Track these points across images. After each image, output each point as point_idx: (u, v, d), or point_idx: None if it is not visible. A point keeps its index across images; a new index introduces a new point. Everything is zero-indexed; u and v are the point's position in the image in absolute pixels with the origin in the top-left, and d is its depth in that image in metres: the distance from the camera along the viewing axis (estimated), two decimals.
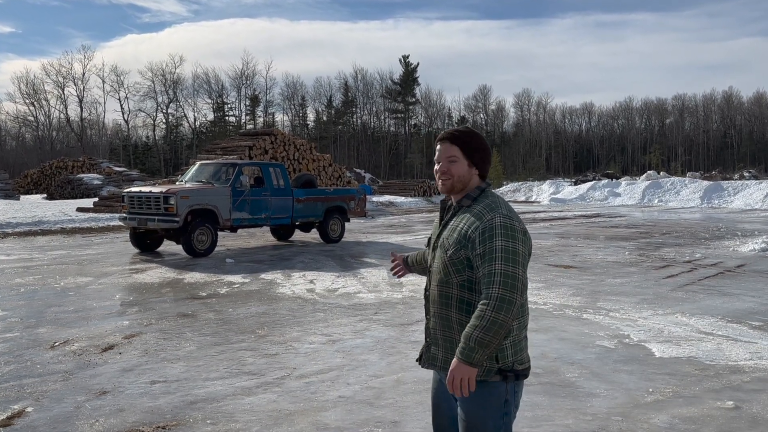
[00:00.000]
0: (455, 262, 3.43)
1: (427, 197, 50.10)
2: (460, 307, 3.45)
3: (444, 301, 3.50)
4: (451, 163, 3.55)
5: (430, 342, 3.62)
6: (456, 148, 3.56)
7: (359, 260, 17.23)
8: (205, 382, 7.18)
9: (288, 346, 8.69)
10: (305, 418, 6.08)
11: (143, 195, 18.21)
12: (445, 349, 3.52)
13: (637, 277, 14.15)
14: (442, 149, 3.59)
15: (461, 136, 3.59)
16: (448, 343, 3.49)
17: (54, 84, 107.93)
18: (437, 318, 3.55)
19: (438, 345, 3.56)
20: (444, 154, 3.57)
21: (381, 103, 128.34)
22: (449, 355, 3.46)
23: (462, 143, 3.57)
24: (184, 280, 14.04)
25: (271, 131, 38.15)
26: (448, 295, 3.49)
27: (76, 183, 47.20)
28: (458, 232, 3.44)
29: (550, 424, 5.93)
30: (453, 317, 3.47)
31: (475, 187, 3.58)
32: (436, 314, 3.55)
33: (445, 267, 3.48)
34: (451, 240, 3.47)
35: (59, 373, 7.52)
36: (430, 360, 3.62)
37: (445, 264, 3.48)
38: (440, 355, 3.55)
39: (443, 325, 3.52)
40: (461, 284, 3.44)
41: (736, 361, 7.91)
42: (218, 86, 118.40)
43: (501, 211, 3.41)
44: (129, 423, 5.97)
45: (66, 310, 10.98)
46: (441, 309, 3.52)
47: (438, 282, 3.53)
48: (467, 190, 3.58)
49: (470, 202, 3.53)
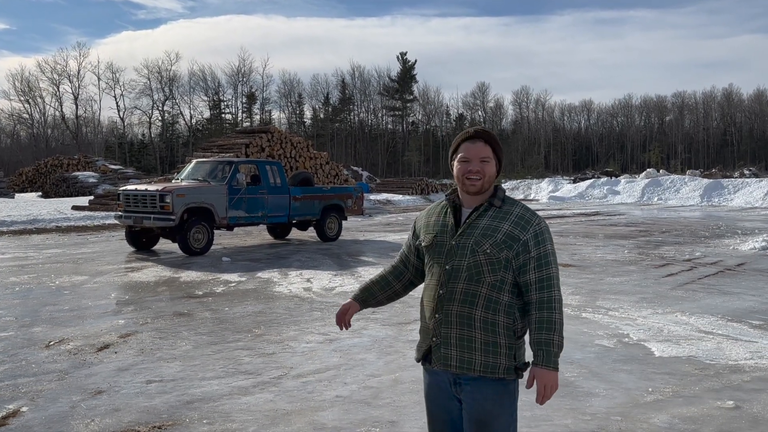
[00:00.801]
0: (493, 262, 3.44)
1: (425, 195, 50.07)
2: (487, 305, 3.44)
3: (469, 299, 3.46)
4: (485, 163, 3.54)
5: (440, 342, 3.54)
6: (489, 148, 3.57)
7: (356, 259, 17.23)
8: (201, 381, 7.18)
9: (285, 345, 8.68)
10: (302, 418, 6.08)
11: (139, 193, 18.20)
12: (460, 348, 3.47)
13: (636, 275, 14.16)
14: (475, 148, 3.56)
15: (494, 136, 3.61)
16: (464, 341, 3.46)
17: (49, 81, 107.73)
18: (454, 317, 3.49)
19: (450, 344, 3.50)
20: (478, 154, 3.55)
21: (378, 101, 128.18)
22: (465, 354, 3.45)
23: (495, 144, 3.59)
24: (180, 278, 14.03)
25: (267, 129, 38.17)
26: (475, 293, 3.45)
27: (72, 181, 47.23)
28: (503, 233, 3.45)
29: (549, 424, 5.93)
30: (477, 316, 3.45)
31: (499, 188, 3.63)
32: (453, 313, 3.49)
33: (478, 266, 3.45)
34: (492, 240, 3.45)
35: (54, 372, 7.52)
36: (442, 360, 3.53)
37: (478, 263, 3.45)
38: (454, 354, 3.49)
39: (461, 323, 3.47)
40: (493, 284, 3.45)
41: (736, 361, 7.91)
42: (214, 83, 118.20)
43: (540, 216, 3.55)
44: (125, 423, 5.96)
45: (61, 309, 10.97)
46: (462, 307, 3.47)
47: (464, 280, 3.47)
48: (490, 190, 3.60)
49: (501, 203, 3.56)
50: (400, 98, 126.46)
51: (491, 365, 3.42)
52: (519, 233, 3.44)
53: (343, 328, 4.11)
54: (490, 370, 3.42)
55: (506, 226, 3.46)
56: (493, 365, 3.42)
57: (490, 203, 3.55)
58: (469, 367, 3.45)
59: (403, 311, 10.62)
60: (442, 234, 3.61)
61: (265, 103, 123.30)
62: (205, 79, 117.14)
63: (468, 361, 3.45)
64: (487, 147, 3.56)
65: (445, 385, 3.57)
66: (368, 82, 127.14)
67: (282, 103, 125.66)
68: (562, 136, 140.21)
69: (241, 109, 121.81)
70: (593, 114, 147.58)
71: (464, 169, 3.55)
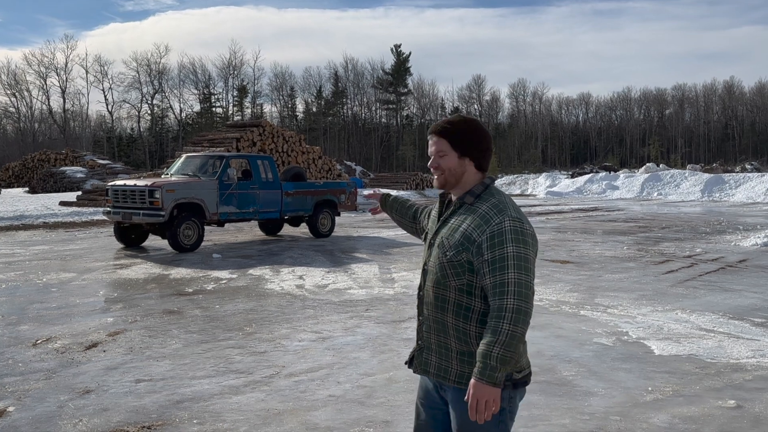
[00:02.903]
0: (455, 265, 3.29)
1: (420, 190, 50.03)
2: (457, 312, 3.32)
3: (440, 304, 3.37)
4: (441, 157, 3.44)
5: (423, 346, 3.50)
6: (444, 141, 3.44)
7: (350, 255, 17.23)
8: (191, 380, 7.17)
9: (277, 343, 8.68)
10: (294, 418, 6.07)
11: (128, 188, 18.16)
12: (438, 355, 3.41)
13: (635, 272, 14.17)
14: (431, 144, 3.49)
15: (450, 127, 3.46)
16: (443, 348, 3.38)
17: (36, 74, 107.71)
18: (431, 321, 3.43)
19: (431, 350, 3.45)
20: (433, 149, 3.47)
21: (372, 94, 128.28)
22: (443, 362, 3.38)
23: (450, 135, 3.44)
24: (169, 275, 14.02)
25: (259, 123, 38.09)
26: (444, 298, 3.35)
27: (59, 176, 47.09)
28: (460, 233, 3.30)
29: (547, 423, 5.93)
30: (449, 322, 3.34)
31: (478, 182, 3.44)
32: (431, 317, 3.42)
33: (443, 269, 3.33)
34: (452, 241, 3.32)
35: (41, 371, 7.50)
36: (422, 365, 3.50)
37: (443, 266, 3.34)
38: (433, 360, 3.44)
39: (437, 329, 3.40)
40: (460, 288, 3.30)
41: (737, 359, 7.92)
42: (205, 76, 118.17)
43: (510, 213, 3.28)
44: (113, 423, 5.95)
45: (48, 306, 10.95)
46: (436, 312, 3.39)
47: (434, 283, 3.38)
48: (467, 185, 3.44)
49: (473, 199, 3.39)
50: (395, 91, 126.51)
51: (466, 376, 3.27)
52: (475, 234, 3.26)
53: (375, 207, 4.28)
54: (465, 380, 3.28)
55: (465, 225, 3.31)
56: (468, 376, 3.25)
57: (461, 200, 3.43)
58: (446, 376, 3.38)
59: (398, 309, 10.63)
60: (430, 231, 3.58)
61: (256, 97, 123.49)
62: (195, 72, 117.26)
63: (445, 369, 3.38)
64: (441, 140, 3.44)
65: (432, 388, 3.52)
66: (362, 74, 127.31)
67: (274, 96, 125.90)
68: (560, 129, 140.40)
69: (232, 102, 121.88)
70: (591, 107, 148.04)
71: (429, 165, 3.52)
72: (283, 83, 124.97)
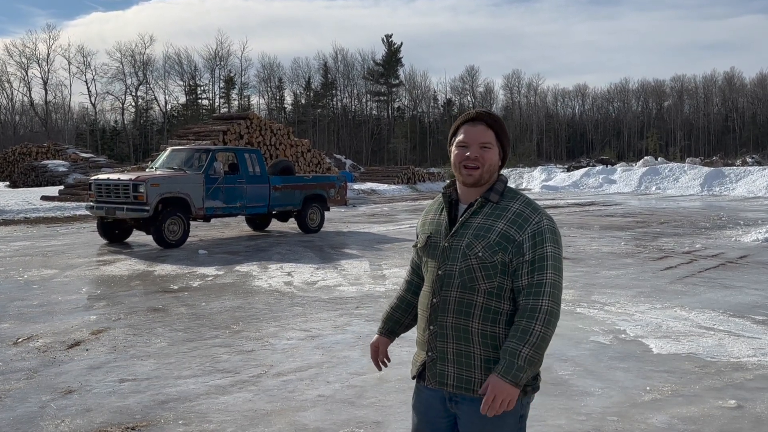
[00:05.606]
0: (487, 267, 3.18)
1: (411, 185, 49.98)
2: (485, 316, 3.21)
3: (464, 309, 3.22)
4: (485, 149, 3.27)
5: (436, 357, 3.31)
6: (492, 133, 3.30)
7: (340, 251, 17.22)
8: (176, 380, 7.16)
9: (264, 342, 8.67)
10: (283, 419, 6.07)
11: (111, 183, 18.13)
12: (458, 365, 3.25)
13: (633, 268, 14.19)
14: (475, 132, 3.30)
15: (498, 120, 3.34)
16: (463, 357, 3.24)
17: (17, 65, 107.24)
18: (450, 329, 3.25)
19: (447, 361, 3.28)
20: (478, 139, 3.28)
21: (363, 85, 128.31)
22: (464, 372, 3.24)
23: (499, 128, 3.33)
24: (154, 272, 13.99)
25: (246, 115, 37.99)
26: (470, 303, 3.22)
27: (41, 170, 46.93)
28: (497, 233, 3.19)
29: (542, 424, 5.93)
30: (474, 328, 3.21)
31: (499, 179, 3.35)
32: (448, 325, 3.25)
33: (471, 272, 3.21)
34: (485, 241, 3.19)
35: (23, 370, 7.49)
36: (438, 377, 3.31)
37: (471, 268, 3.21)
38: (451, 371, 3.26)
39: (457, 337, 3.24)
40: (489, 291, 3.20)
41: (738, 358, 7.94)
42: (191, 68, 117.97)
43: (543, 212, 3.25)
44: (96, 423, 5.94)
45: (30, 304, 10.93)
46: (457, 319, 3.23)
47: (457, 287, 3.23)
48: (490, 182, 3.32)
49: (498, 197, 3.28)
50: (386, 83, 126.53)
51: None
52: (515, 233, 3.17)
53: (383, 367, 3.75)
54: None
55: (501, 224, 3.19)
56: None
57: (485, 198, 3.27)
58: (468, 387, 3.23)
59: None
60: (437, 234, 3.39)
61: (243, 88, 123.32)
62: (180, 63, 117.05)
63: (467, 380, 3.23)
64: (489, 131, 3.29)
65: (438, 402, 3.36)
66: (352, 65, 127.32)
67: (261, 88, 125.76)
68: (556, 122, 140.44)
69: (218, 94, 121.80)
70: (588, 99, 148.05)
71: (461, 156, 3.29)
72: (271, 74, 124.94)
